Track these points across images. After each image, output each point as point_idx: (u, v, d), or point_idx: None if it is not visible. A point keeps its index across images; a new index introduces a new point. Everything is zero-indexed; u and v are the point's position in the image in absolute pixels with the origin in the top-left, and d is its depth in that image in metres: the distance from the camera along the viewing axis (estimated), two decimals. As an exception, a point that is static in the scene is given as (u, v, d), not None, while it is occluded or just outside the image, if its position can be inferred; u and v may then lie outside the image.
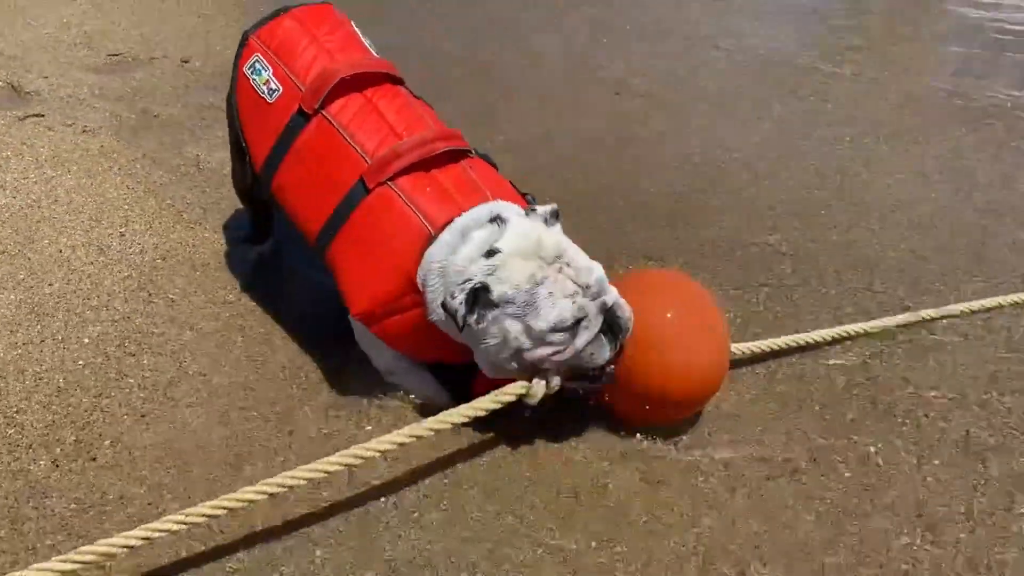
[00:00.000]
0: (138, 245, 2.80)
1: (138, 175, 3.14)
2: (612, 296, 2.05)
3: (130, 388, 2.29)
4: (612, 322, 2.03)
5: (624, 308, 2.06)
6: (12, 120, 3.33)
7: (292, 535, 1.95)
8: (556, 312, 1.98)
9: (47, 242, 2.74)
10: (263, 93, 2.34)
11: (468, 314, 1.97)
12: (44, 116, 3.41)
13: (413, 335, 2.15)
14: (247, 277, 2.74)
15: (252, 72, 2.37)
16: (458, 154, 2.26)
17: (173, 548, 1.89)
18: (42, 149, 3.18)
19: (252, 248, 2.85)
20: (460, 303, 1.95)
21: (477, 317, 1.98)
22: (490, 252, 2.01)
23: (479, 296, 1.97)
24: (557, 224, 2.09)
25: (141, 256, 2.75)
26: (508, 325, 1.99)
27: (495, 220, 2.08)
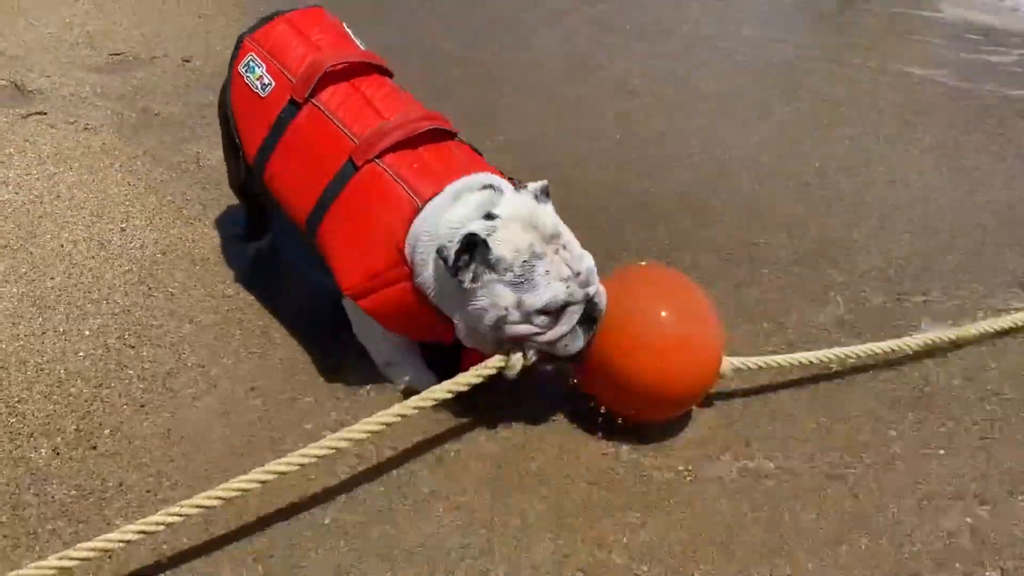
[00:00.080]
0: (138, 240, 2.82)
1: (139, 172, 3.17)
2: (596, 287, 2.07)
3: (130, 379, 2.32)
4: (590, 312, 2.06)
5: (602, 297, 2.08)
6: (15, 118, 3.36)
7: (281, 524, 1.98)
8: (550, 293, 1.99)
9: (49, 237, 2.77)
10: (256, 88, 2.39)
11: (464, 266, 1.97)
12: (46, 114, 3.44)
13: (403, 310, 2.17)
14: (245, 272, 2.76)
15: (246, 70, 2.42)
16: (444, 135, 2.29)
17: (163, 540, 1.91)
18: (44, 146, 3.20)
19: (250, 244, 2.88)
20: (455, 250, 1.96)
21: (473, 275, 1.99)
22: (488, 216, 2.03)
23: (477, 249, 1.97)
24: (548, 201, 2.11)
25: (141, 251, 2.78)
26: (500, 293, 2.00)
27: (488, 188, 2.11)
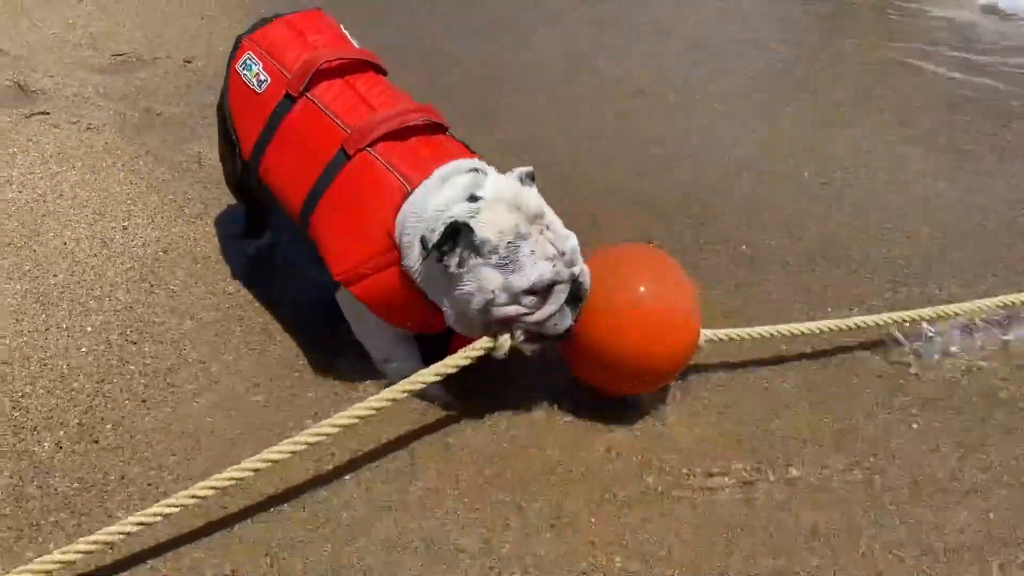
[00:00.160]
0: (140, 238, 2.86)
1: (141, 171, 3.21)
2: (580, 266, 2.11)
3: (131, 374, 2.35)
4: (576, 291, 2.09)
5: (586, 276, 2.12)
6: (19, 118, 3.40)
7: (284, 515, 2.02)
8: (536, 272, 2.02)
9: (52, 235, 2.80)
10: (253, 85, 2.43)
11: (449, 251, 2.00)
12: (50, 114, 3.47)
13: (393, 296, 2.19)
14: (246, 270, 2.80)
15: (243, 68, 2.47)
16: (436, 128, 2.33)
17: (165, 531, 1.95)
18: (48, 146, 3.24)
19: (249, 242, 2.91)
20: (438, 235, 1.98)
21: (459, 260, 2.02)
22: (472, 197, 2.06)
23: (460, 234, 2.00)
24: (533, 186, 2.14)
25: (143, 249, 2.81)
26: (487, 276, 2.03)
27: (474, 171, 2.14)
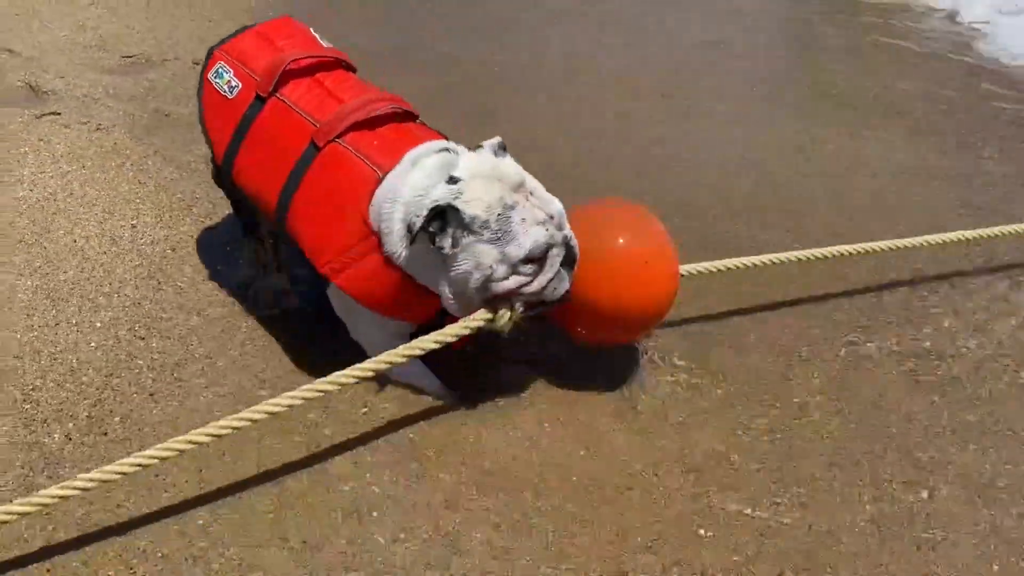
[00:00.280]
0: (149, 236, 2.92)
1: (149, 171, 3.27)
2: (568, 228, 2.12)
3: (140, 369, 2.41)
4: (569, 254, 2.11)
5: (574, 238, 2.13)
6: (30, 118, 3.46)
7: (292, 477, 2.10)
8: (531, 239, 2.03)
9: (62, 232, 2.87)
10: (224, 92, 2.44)
11: (439, 233, 2.01)
12: (60, 114, 3.54)
13: (377, 284, 2.19)
14: (251, 268, 2.84)
15: (215, 76, 2.48)
16: (405, 116, 2.35)
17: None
18: (58, 145, 3.31)
19: (248, 239, 2.93)
20: (423, 220, 1.99)
21: (452, 240, 2.02)
22: (452, 180, 2.07)
23: (449, 218, 2.01)
24: (507, 155, 2.15)
25: (151, 247, 2.87)
26: (483, 252, 2.04)
27: (444, 151, 2.16)
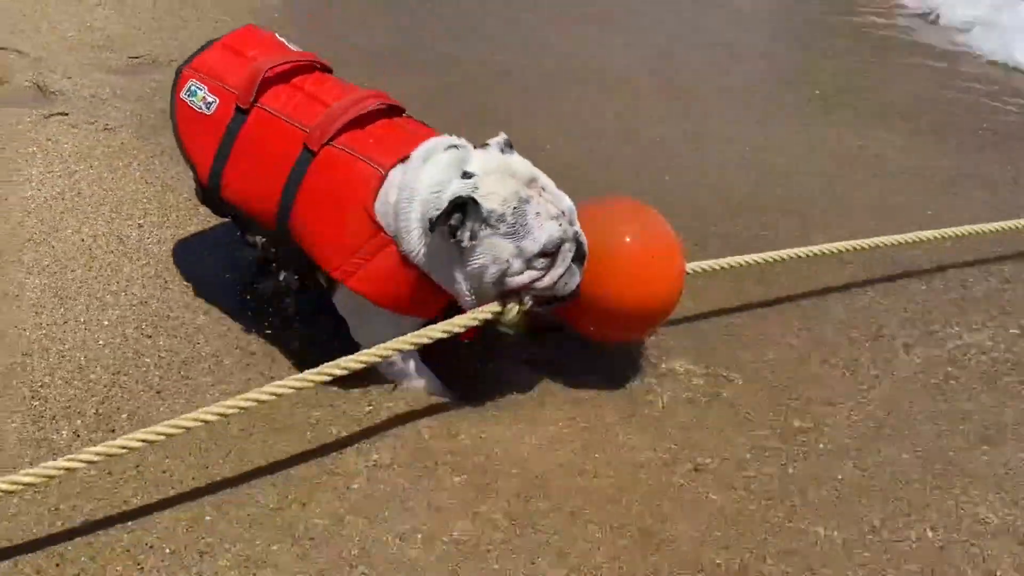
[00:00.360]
0: (156, 236, 2.95)
1: (156, 171, 3.29)
2: (578, 225, 2.15)
3: (147, 367, 2.44)
4: (580, 250, 2.13)
5: (583, 234, 2.16)
6: (38, 118, 3.50)
7: (298, 467, 2.10)
8: (546, 233, 2.06)
9: (70, 231, 2.90)
10: (201, 109, 2.40)
11: (459, 226, 2.02)
12: (68, 114, 3.57)
13: (391, 280, 2.20)
14: (257, 268, 2.87)
15: (188, 95, 2.42)
16: (393, 111, 2.36)
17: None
18: (66, 145, 3.34)
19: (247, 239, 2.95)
20: (441, 214, 2.01)
21: (471, 233, 2.04)
22: (466, 174, 2.09)
23: (468, 211, 2.03)
24: (514, 152, 2.17)
25: (158, 246, 2.90)
26: (499, 246, 2.07)
27: (453, 147, 2.19)
